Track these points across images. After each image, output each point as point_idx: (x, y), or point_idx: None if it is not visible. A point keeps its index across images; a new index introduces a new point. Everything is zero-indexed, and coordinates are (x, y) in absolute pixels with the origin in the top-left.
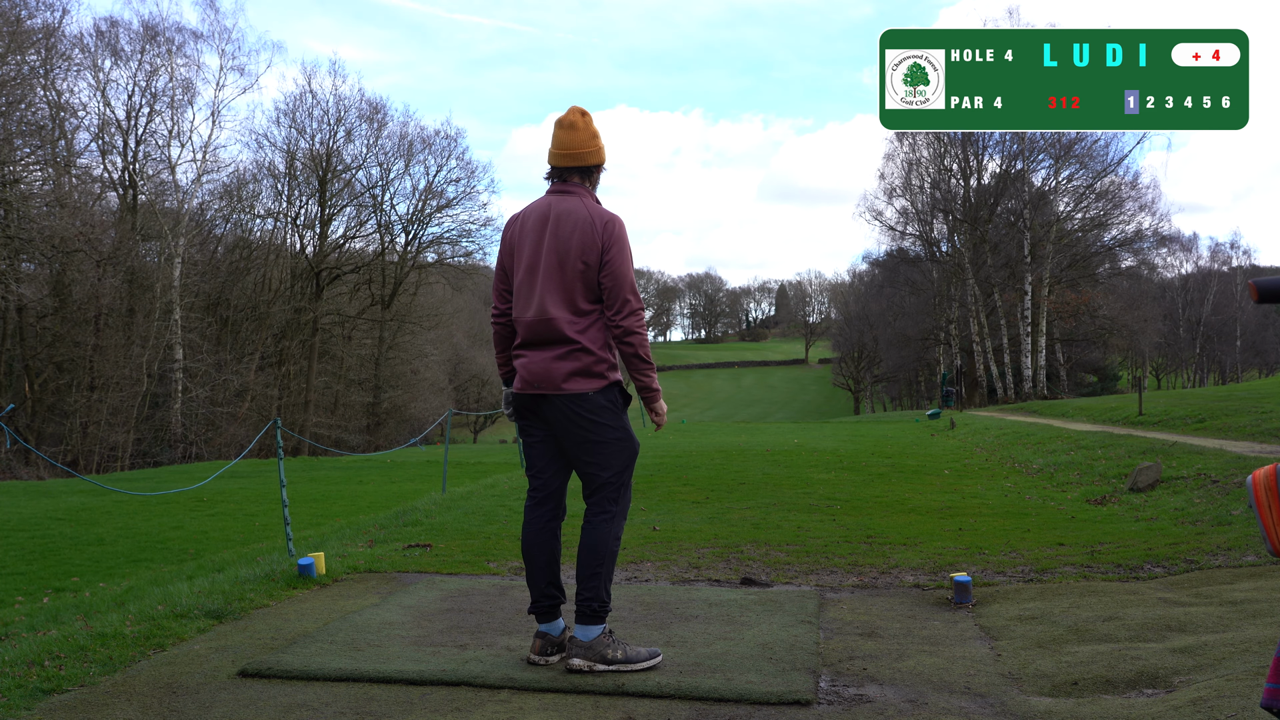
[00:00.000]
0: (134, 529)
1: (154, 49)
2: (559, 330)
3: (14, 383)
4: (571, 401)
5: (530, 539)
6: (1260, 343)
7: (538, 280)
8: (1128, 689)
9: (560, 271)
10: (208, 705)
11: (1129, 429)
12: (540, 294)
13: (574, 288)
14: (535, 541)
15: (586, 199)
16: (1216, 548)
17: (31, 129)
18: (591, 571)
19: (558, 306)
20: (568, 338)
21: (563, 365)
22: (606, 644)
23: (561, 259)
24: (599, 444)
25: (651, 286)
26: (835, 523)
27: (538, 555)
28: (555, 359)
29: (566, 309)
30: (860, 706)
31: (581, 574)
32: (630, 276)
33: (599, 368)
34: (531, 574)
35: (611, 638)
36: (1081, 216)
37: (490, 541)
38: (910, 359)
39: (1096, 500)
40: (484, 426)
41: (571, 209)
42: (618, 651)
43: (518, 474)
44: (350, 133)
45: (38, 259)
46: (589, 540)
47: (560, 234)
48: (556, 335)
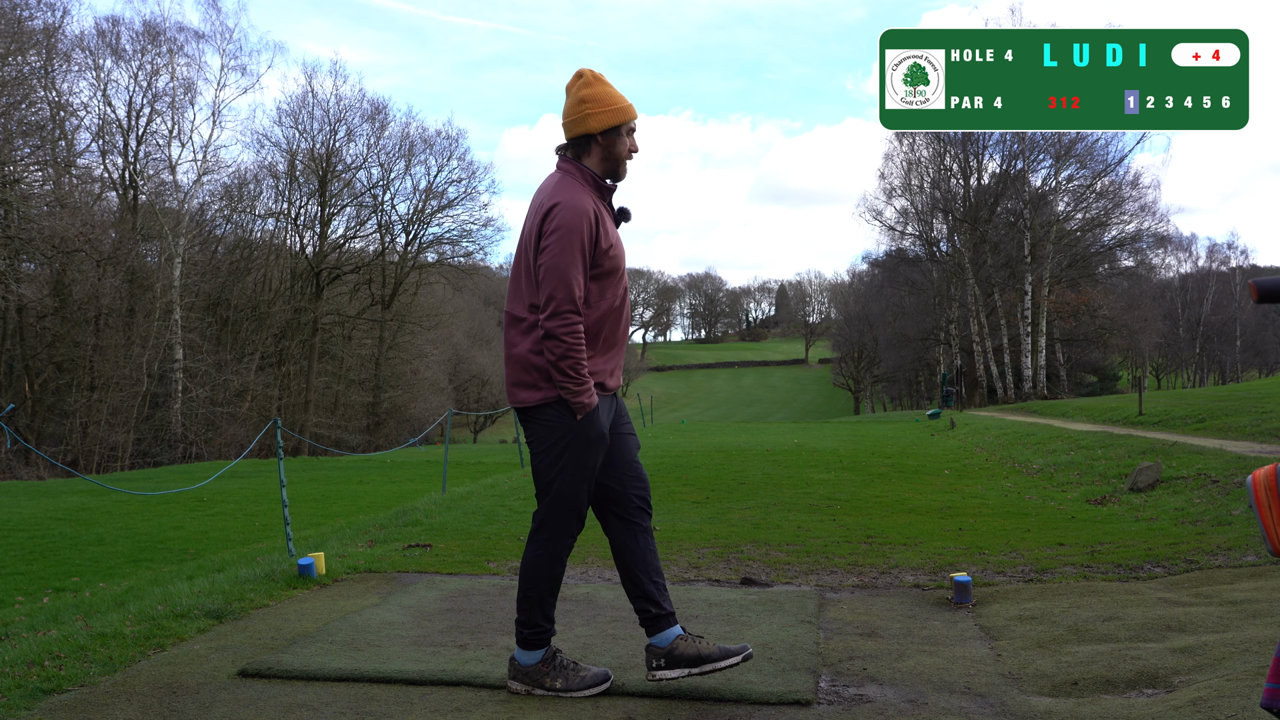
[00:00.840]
0: (134, 529)
1: (155, 49)
2: (510, 331)
3: (14, 383)
4: (518, 414)
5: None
6: (1260, 343)
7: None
8: (1128, 689)
9: (517, 263)
10: (208, 705)
11: (1129, 429)
12: (509, 288)
13: (522, 281)
14: (613, 554)
15: (562, 178)
16: (1216, 548)
17: (32, 129)
18: (522, 593)
19: (513, 302)
20: (513, 339)
21: (509, 371)
22: (545, 672)
23: (521, 248)
24: (534, 458)
25: (651, 287)
26: (835, 523)
27: (618, 567)
28: (506, 362)
29: (520, 306)
30: (860, 706)
31: (518, 594)
32: (568, 272)
33: (529, 377)
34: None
35: (555, 663)
36: (1081, 216)
37: (490, 541)
38: (910, 359)
39: (1096, 500)
40: (484, 426)
41: (540, 190)
42: (557, 680)
43: (518, 474)
44: (351, 133)
45: (38, 259)
46: (523, 559)
47: (526, 220)
48: (509, 337)
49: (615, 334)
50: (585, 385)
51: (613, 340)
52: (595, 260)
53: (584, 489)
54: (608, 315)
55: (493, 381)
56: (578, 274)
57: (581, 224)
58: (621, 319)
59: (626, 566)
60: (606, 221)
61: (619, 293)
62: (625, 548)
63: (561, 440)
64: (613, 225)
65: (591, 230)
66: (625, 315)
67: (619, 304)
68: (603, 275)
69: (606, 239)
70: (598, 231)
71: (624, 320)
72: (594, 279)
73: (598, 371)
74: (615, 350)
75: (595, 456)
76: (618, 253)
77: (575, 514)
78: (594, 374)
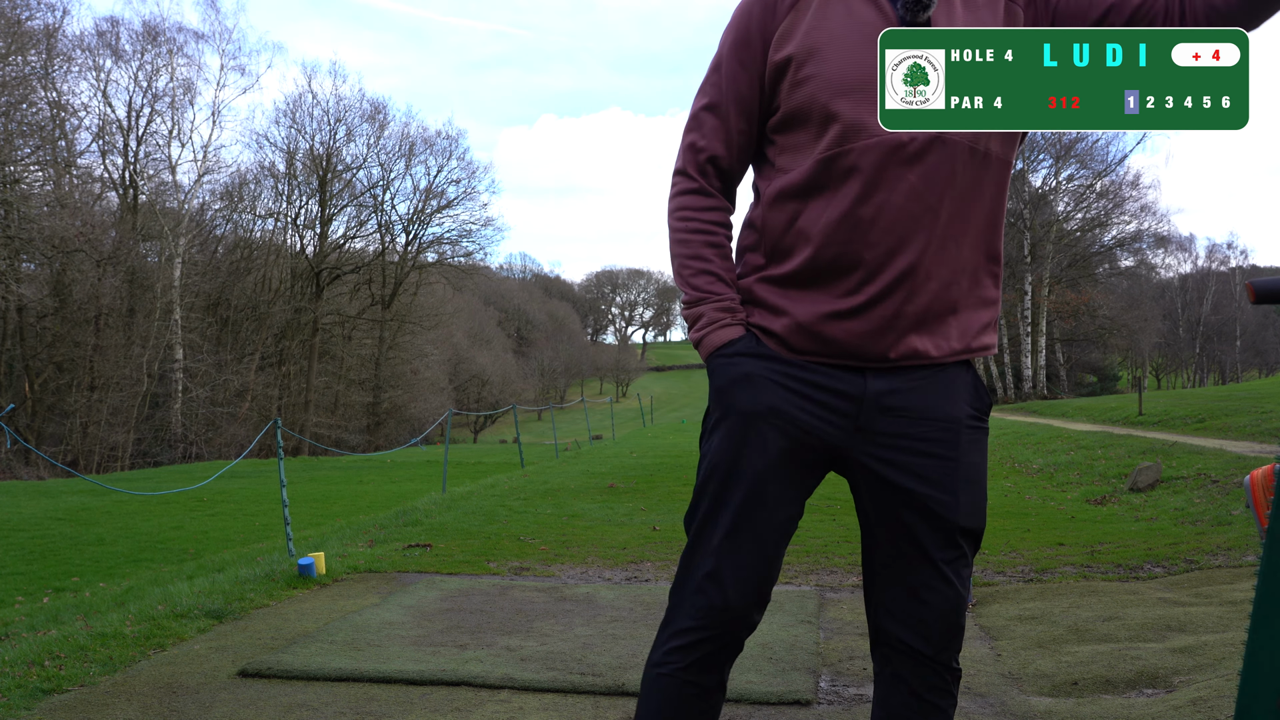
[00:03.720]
0: (134, 529)
1: (155, 49)
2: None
3: (14, 383)
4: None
5: None
6: (1260, 343)
7: None
8: (1128, 689)
9: None
10: (208, 705)
11: (1129, 429)
12: None
13: None
14: None
15: None
16: (1216, 548)
17: (32, 129)
18: None
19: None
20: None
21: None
22: None
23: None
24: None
25: (651, 287)
26: (835, 522)
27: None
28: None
29: None
30: (860, 706)
31: None
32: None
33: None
34: None
35: None
36: (1081, 217)
37: (490, 541)
38: None
39: (1096, 500)
40: (484, 426)
41: None
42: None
43: (518, 474)
44: (351, 133)
45: (38, 259)
46: None
47: None
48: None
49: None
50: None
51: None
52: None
53: None
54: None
55: (493, 381)
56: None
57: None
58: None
59: None
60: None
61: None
62: None
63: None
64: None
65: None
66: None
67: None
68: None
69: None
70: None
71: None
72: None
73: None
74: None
75: None
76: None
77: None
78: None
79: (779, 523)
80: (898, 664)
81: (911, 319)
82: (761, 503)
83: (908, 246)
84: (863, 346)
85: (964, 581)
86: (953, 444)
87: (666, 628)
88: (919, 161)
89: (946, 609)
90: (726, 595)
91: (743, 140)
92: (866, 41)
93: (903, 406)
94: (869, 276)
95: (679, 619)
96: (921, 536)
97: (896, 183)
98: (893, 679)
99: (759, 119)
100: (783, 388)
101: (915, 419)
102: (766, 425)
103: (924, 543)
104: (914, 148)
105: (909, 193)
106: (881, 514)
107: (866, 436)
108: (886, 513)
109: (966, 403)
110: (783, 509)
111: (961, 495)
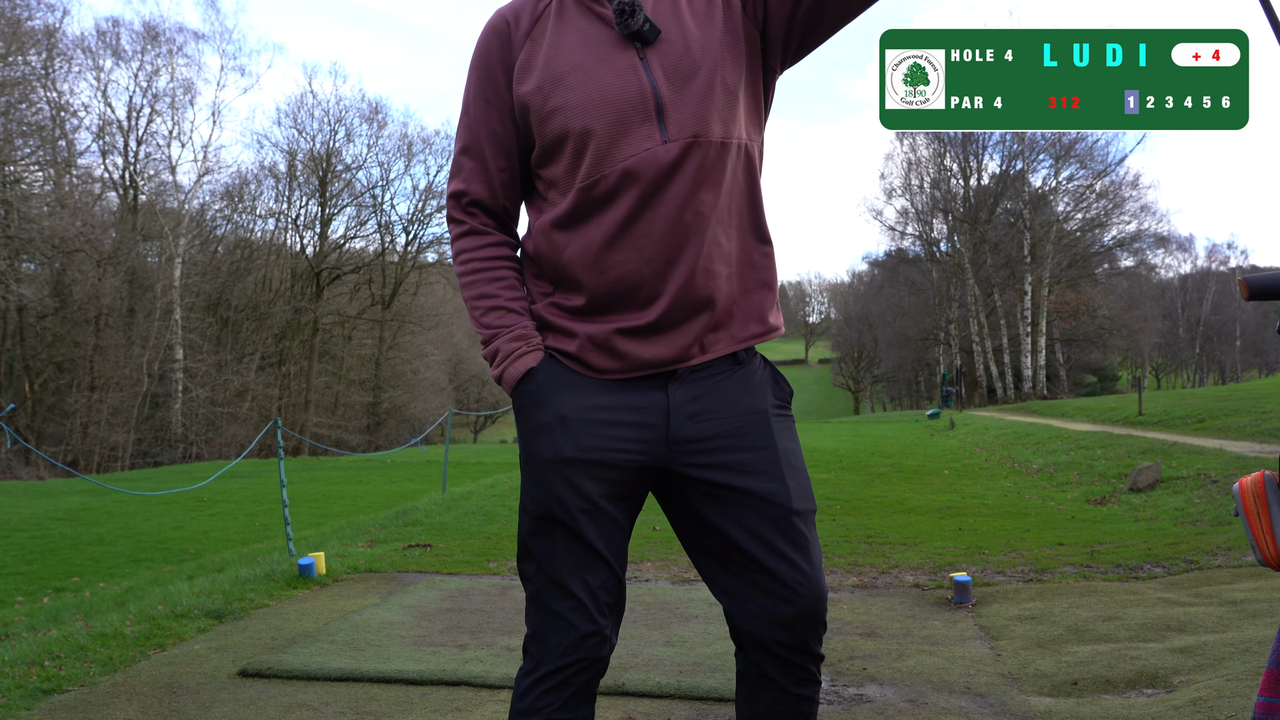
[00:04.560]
0: (134, 529)
1: (155, 49)
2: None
3: (14, 383)
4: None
5: None
6: (1260, 343)
7: None
8: (1128, 689)
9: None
10: (208, 705)
11: (1129, 429)
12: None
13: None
14: None
15: None
16: (1216, 548)
17: (32, 129)
18: None
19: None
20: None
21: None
22: None
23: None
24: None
25: None
26: (835, 523)
27: None
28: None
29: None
30: (860, 706)
31: None
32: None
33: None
34: None
35: None
36: (1081, 217)
37: (490, 541)
38: (910, 359)
39: (1096, 500)
40: (484, 426)
41: None
42: None
43: (517, 474)
44: (350, 133)
45: (38, 259)
46: None
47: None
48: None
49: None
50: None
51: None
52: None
53: None
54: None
55: (492, 381)
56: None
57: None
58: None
59: None
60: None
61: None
62: None
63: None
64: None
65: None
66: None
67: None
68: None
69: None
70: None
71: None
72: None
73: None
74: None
75: None
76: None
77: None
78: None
79: (617, 543)
80: (765, 662)
81: (703, 322)
82: (595, 534)
83: (684, 253)
84: (659, 357)
85: (815, 565)
86: (766, 433)
87: (529, 676)
88: (678, 170)
89: (806, 594)
90: (593, 620)
91: (505, 178)
92: (603, 60)
93: (710, 409)
94: (654, 293)
95: (546, 663)
96: (762, 530)
97: (660, 195)
98: (759, 678)
99: (520, 154)
100: (587, 423)
101: (724, 417)
102: (575, 472)
103: (767, 535)
104: (669, 158)
105: (674, 201)
106: (719, 517)
107: (681, 447)
108: (722, 515)
109: (769, 393)
110: (615, 530)
111: (789, 481)
